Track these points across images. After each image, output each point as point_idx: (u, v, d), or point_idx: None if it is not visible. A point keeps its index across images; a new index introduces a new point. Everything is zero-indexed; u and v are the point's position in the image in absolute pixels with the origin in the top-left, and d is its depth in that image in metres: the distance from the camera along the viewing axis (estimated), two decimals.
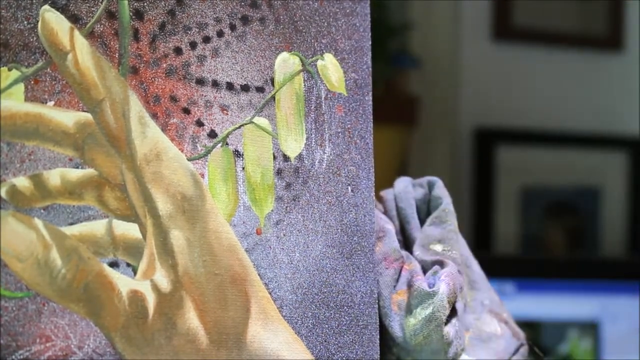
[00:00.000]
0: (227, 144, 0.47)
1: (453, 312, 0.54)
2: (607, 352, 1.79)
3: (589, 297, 1.54)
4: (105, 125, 0.44)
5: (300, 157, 0.49)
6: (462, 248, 0.59)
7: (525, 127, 2.26)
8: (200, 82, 0.47)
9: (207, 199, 0.46)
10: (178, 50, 0.47)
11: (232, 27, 0.48)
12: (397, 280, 0.51)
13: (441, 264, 0.55)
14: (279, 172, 0.49)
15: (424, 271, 0.54)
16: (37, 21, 0.43)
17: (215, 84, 0.47)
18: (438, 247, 0.56)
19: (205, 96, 0.47)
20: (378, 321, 0.51)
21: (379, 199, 0.56)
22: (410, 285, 0.50)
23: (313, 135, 0.50)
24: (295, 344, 0.47)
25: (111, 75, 0.44)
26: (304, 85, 0.50)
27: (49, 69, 0.44)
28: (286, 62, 0.49)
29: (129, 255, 0.45)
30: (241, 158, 0.48)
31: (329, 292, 0.49)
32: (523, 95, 2.32)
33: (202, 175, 0.46)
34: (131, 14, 0.45)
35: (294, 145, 0.49)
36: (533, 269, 1.56)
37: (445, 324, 0.52)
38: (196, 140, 0.47)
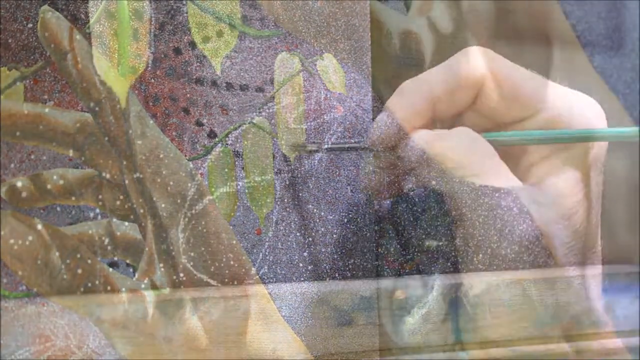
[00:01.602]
0: (226, 144, 0.47)
1: (452, 310, 0.54)
2: None
3: None
4: (105, 125, 0.44)
5: (299, 157, 0.49)
6: None
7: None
8: (200, 82, 0.47)
9: (206, 199, 0.46)
10: (177, 51, 0.47)
11: (232, 27, 0.48)
12: (397, 279, 0.51)
13: (437, 261, 0.55)
14: (278, 172, 0.49)
15: (422, 269, 0.54)
16: (37, 21, 0.43)
17: (214, 84, 0.47)
18: (433, 244, 0.56)
19: (204, 96, 0.47)
20: (378, 321, 0.51)
21: None
22: (408, 285, 0.50)
23: (313, 136, 0.50)
24: (294, 343, 0.47)
25: (111, 75, 0.44)
26: (304, 85, 0.50)
27: (48, 69, 0.44)
28: (286, 62, 0.49)
29: (129, 255, 0.45)
30: (241, 158, 0.48)
31: (328, 292, 0.49)
32: None
33: (202, 175, 0.46)
34: (130, 14, 0.45)
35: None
36: None
37: (443, 321, 0.52)
38: (196, 140, 0.47)
